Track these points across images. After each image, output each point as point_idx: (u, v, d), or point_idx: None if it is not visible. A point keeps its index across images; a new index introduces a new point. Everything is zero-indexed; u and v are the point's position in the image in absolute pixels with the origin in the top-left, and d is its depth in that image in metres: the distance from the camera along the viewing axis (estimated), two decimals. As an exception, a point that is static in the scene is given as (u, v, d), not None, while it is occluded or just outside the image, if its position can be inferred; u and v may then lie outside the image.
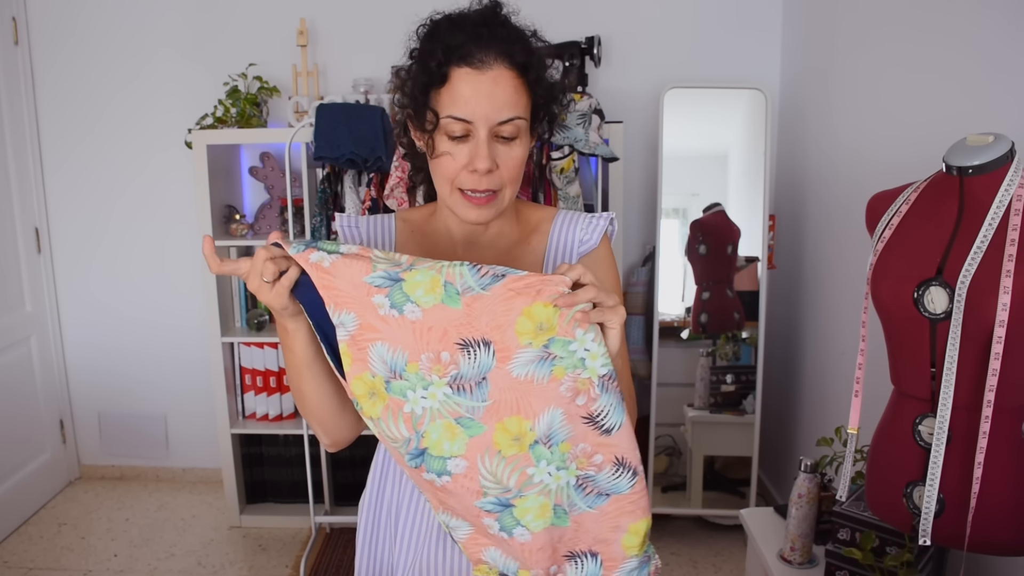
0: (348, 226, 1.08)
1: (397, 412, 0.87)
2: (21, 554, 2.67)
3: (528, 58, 0.93)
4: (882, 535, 1.43)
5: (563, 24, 2.76)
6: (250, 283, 0.87)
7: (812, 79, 2.54)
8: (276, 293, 0.86)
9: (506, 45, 0.92)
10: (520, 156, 0.96)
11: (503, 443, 0.87)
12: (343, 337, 0.85)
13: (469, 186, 0.95)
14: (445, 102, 0.92)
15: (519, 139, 0.95)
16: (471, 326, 0.83)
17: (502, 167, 0.94)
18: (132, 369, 3.15)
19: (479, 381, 0.85)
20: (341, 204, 2.49)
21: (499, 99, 0.91)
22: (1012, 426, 1.13)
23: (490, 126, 0.92)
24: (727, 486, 2.74)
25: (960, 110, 1.63)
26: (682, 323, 2.67)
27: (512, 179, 0.97)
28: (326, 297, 0.85)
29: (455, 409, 0.86)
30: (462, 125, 0.92)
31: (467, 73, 0.91)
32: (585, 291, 0.83)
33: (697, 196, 2.69)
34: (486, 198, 0.96)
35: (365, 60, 2.80)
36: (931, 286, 1.10)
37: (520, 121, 0.94)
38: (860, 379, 1.27)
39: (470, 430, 0.87)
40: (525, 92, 0.94)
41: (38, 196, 3.01)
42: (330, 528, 2.80)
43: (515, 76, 0.92)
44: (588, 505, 0.90)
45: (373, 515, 1.13)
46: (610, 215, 1.07)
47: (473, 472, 0.88)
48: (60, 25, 2.91)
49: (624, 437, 0.88)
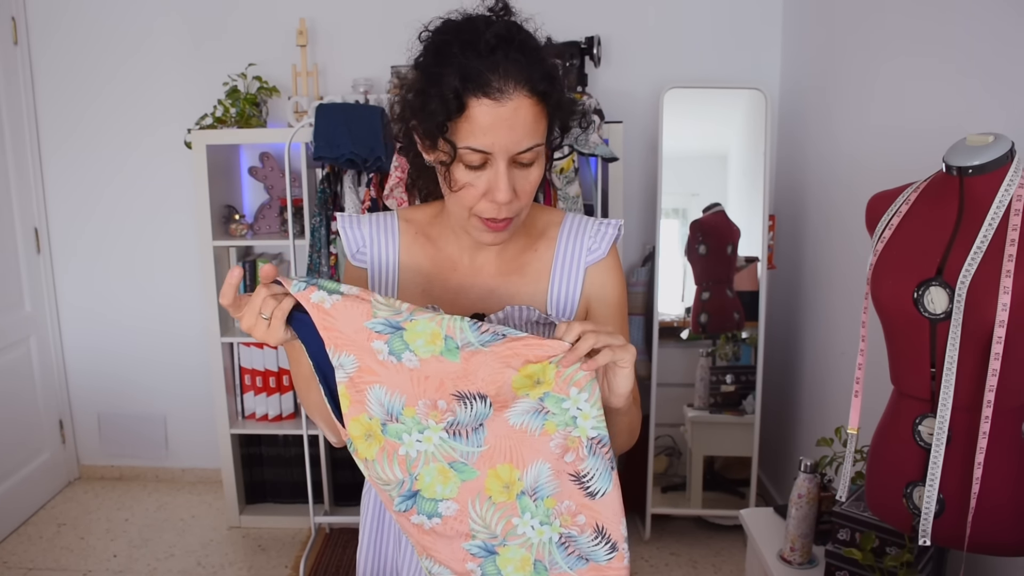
0: (350, 226, 1.06)
1: (392, 454, 0.87)
2: (20, 554, 2.67)
3: (550, 85, 0.89)
4: (882, 535, 1.43)
5: (563, 24, 2.76)
6: (244, 322, 0.85)
7: (812, 79, 2.54)
8: (273, 330, 0.85)
9: (526, 71, 0.87)
10: (537, 178, 0.94)
11: (494, 489, 0.87)
12: (342, 379, 0.86)
13: (489, 215, 0.92)
14: (463, 132, 0.88)
15: (536, 162, 0.93)
16: (468, 380, 0.84)
17: (520, 192, 0.92)
18: (131, 369, 3.15)
19: (476, 427, 0.86)
20: (340, 204, 2.49)
21: (519, 130, 0.88)
22: (1012, 426, 1.13)
23: (510, 155, 0.89)
24: (727, 486, 2.74)
25: (960, 110, 1.63)
26: (682, 323, 2.67)
27: (529, 201, 0.95)
28: (326, 338, 0.84)
29: (450, 454, 0.86)
30: (480, 156, 0.89)
31: (486, 104, 0.86)
32: (584, 341, 0.82)
33: (697, 196, 2.69)
34: (504, 223, 0.94)
35: (365, 60, 2.80)
36: (931, 286, 1.10)
37: (540, 148, 0.92)
38: (860, 379, 1.27)
39: (463, 474, 0.87)
40: (544, 117, 0.91)
41: (37, 196, 3.01)
42: (329, 528, 2.80)
43: (535, 103, 0.88)
44: (569, 566, 0.89)
45: (375, 515, 1.12)
46: (618, 223, 1.06)
47: (463, 515, 0.89)
48: (60, 25, 2.91)
49: (608, 506, 0.87)
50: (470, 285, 1.03)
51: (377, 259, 1.05)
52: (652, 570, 2.54)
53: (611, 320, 1.05)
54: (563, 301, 1.03)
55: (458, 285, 1.03)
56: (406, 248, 1.05)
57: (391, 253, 1.05)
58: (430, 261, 1.05)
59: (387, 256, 1.05)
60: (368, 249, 1.05)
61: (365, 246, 1.05)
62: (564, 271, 1.03)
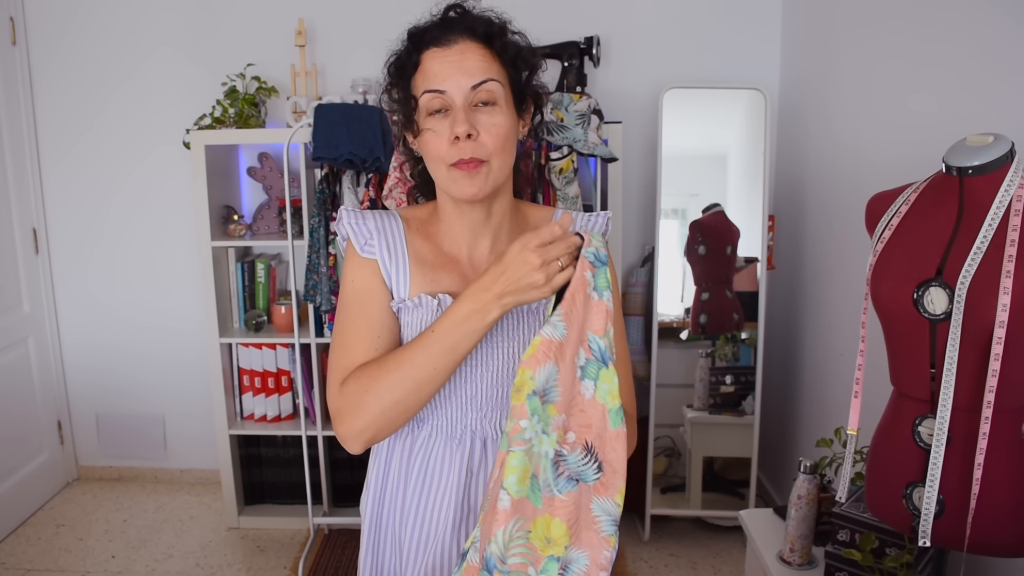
0: (355, 220, 1.07)
1: None
2: (19, 555, 2.66)
3: (490, 28, 0.98)
4: (882, 536, 1.43)
5: (562, 24, 2.76)
6: (544, 253, 0.90)
7: (812, 79, 2.54)
8: (556, 283, 0.91)
9: (469, 22, 0.98)
10: (503, 124, 0.97)
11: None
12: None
13: (455, 156, 0.96)
14: (420, 83, 0.98)
15: (499, 105, 0.97)
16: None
17: (484, 134, 0.96)
18: (130, 370, 3.15)
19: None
20: (340, 204, 2.48)
21: (467, 65, 0.96)
22: (1012, 427, 1.13)
23: (464, 93, 0.95)
24: (726, 487, 2.74)
25: (960, 110, 1.62)
26: (681, 324, 2.67)
27: (499, 149, 0.97)
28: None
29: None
30: (439, 98, 0.96)
31: (435, 52, 0.97)
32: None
33: (696, 196, 2.69)
34: (473, 164, 0.96)
35: (364, 60, 2.80)
36: (931, 287, 1.10)
37: (493, 84, 0.96)
38: (860, 380, 1.26)
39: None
40: (495, 59, 0.98)
41: (36, 197, 3.01)
42: (328, 529, 2.80)
43: (481, 46, 0.97)
44: (559, 490, 0.90)
45: (375, 520, 1.12)
46: (607, 213, 1.11)
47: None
48: (58, 25, 2.91)
49: (605, 427, 0.90)
50: (471, 279, 1.05)
51: (387, 250, 1.05)
52: (651, 571, 2.53)
53: None
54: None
55: (461, 278, 1.05)
56: (411, 241, 1.07)
57: (399, 244, 1.06)
58: (432, 255, 1.07)
59: (396, 247, 1.06)
60: (376, 241, 1.06)
61: (373, 238, 1.06)
62: None
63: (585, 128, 2.38)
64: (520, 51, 1.01)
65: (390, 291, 1.05)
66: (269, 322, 2.86)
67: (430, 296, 1.03)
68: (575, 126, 2.37)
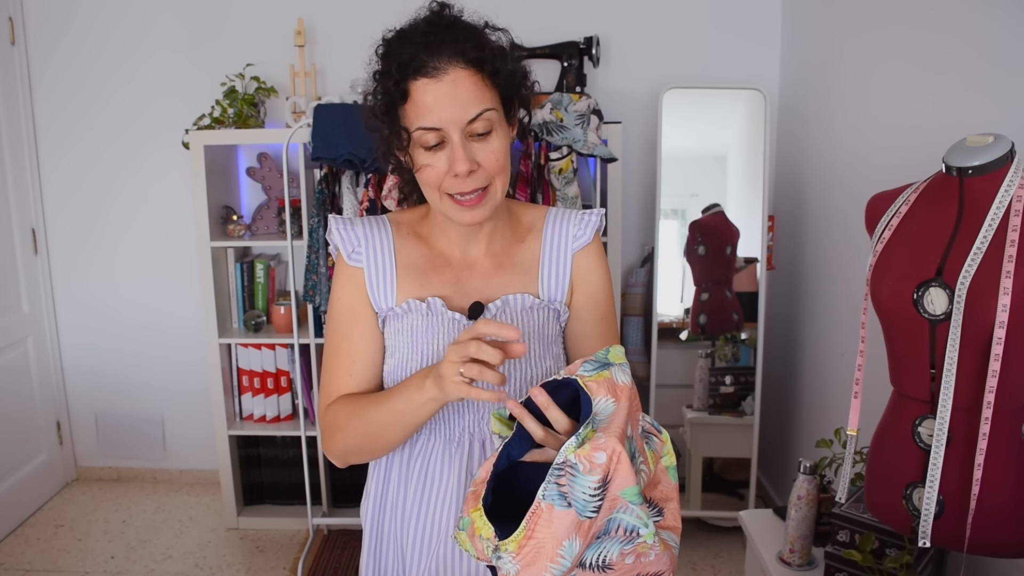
0: (343, 227, 1.09)
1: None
2: (18, 556, 2.66)
3: (481, 52, 0.93)
4: (881, 537, 1.43)
5: (562, 24, 2.76)
6: (453, 353, 0.87)
7: (811, 79, 2.53)
8: (458, 390, 0.88)
9: (457, 45, 0.92)
10: (500, 147, 0.96)
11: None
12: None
13: (456, 190, 0.96)
14: (412, 117, 0.94)
15: (495, 131, 0.96)
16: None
17: (484, 163, 0.95)
18: (129, 370, 3.15)
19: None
20: (339, 205, 2.48)
21: (462, 99, 0.92)
22: (1012, 427, 1.13)
23: (461, 127, 0.93)
24: (726, 488, 2.73)
25: (960, 110, 1.62)
26: (681, 324, 2.67)
27: (498, 171, 0.97)
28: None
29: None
30: (434, 134, 0.93)
31: (425, 83, 0.92)
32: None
33: (696, 197, 2.68)
34: (476, 198, 0.96)
35: (363, 60, 2.77)
36: (931, 287, 1.10)
37: (490, 113, 0.94)
38: (859, 380, 1.26)
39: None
40: (487, 86, 0.95)
41: (35, 197, 3.00)
42: (328, 530, 2.80)
43: (472, 73, 0.93)
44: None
45: (375, 523, 1.12)
46: (600, 211, 1.11)
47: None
48: (57, 25, 2.91)
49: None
50: (466, 279, 1.06)
51: (373, 258, 1.07)
52: (651, 571, 2.53)
53: (596, 301, 1.09)
54: (553, 287, 1.07)
55: (454, 279, 1.06)
56: (400, 247, 1.08)
57: (387, 251, 1.07)
58: (423, 258, 1.07)
59: (383, 254, 1.07)
60: (364, 249, 1.07)
61: (360, 246, 1.08)
62: (553, 259, 1.08)
63: (585, 128, 2.38)
64: (512, 76, 0.98)
65: (374, 307, 1.06)
66: (268, 322, 2.86)
67: (419, 301, 1.04)
68: (575, 126, 2.37)
